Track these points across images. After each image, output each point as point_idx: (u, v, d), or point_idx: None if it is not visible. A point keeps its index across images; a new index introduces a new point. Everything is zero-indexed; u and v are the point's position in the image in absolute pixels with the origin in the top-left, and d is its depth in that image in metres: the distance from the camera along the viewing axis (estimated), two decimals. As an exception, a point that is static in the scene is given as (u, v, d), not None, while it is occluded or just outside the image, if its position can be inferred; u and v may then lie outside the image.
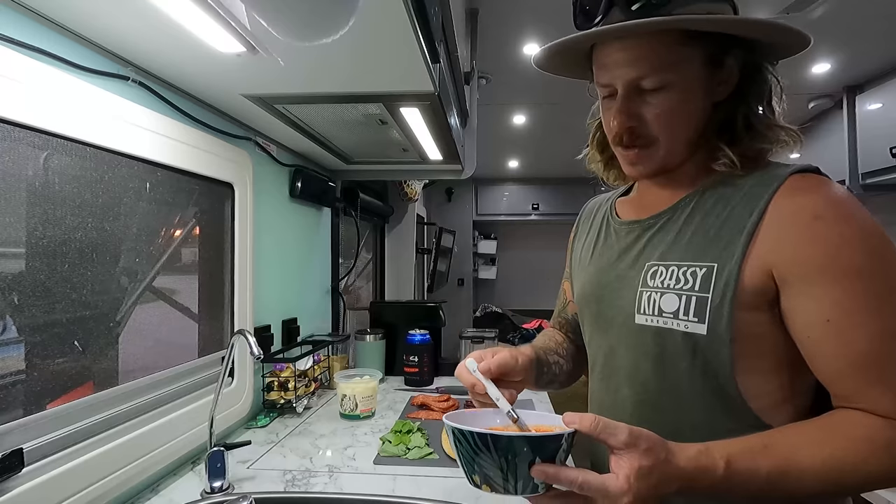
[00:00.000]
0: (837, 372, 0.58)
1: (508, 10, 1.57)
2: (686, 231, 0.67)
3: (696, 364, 0.63)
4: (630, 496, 0.51)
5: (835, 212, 0.57)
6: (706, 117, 0.66)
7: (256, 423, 1.27)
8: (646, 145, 0.67)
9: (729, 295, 0.60)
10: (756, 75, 0.66)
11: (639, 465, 0.52)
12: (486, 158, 3.45)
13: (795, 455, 0.55)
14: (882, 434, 0.55)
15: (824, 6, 1.50)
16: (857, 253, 0.56)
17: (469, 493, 0.90)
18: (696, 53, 0.62)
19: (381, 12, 0.70)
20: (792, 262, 0.58)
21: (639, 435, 0.53)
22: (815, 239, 0.57)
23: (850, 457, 0.54)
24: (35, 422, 0.72)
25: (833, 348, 0.57)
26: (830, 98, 2.30)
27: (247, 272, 1.23)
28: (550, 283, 4.73)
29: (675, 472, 0.53)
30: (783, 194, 0.60)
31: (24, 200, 0.73)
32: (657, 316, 0.66)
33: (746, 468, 0.54)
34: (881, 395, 0.55)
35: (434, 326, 1.83)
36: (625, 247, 0.74)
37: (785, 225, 0.59)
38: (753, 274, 0.60)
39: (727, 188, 0.65)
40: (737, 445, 0.55)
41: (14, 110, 0.65)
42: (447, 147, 1.46)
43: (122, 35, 0.80)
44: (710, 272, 0.62)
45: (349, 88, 1.02)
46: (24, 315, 0.73)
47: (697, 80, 0.63)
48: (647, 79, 0.63)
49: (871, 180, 2.14)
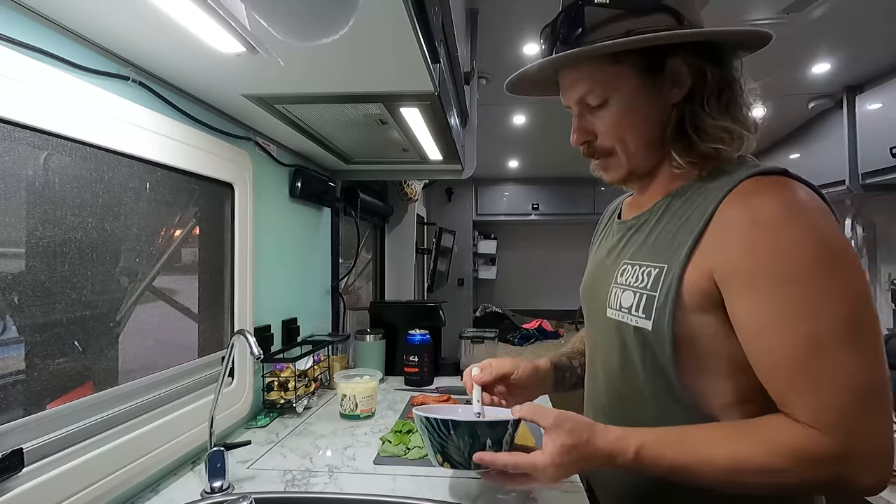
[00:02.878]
0: (766, 376, 0.59)
1: (508, 10, 1.57)
2: (654, 232, 0.71)
3: (647, 359, 0.67)
4: (553, 468, 0.61)
5: (774, 216, 0.57)
6: (663, 120, 0.69)
7: (256, 423, 1.27)
8: (605, 155, 0.73)
9: (671, 295, 0.63)
10: (702, 74, 0.66)
11: (561, 442, 0.62)
12: (486, 158, 3.45)
13: (702, 449, 0.59)
14: (789, 441, 0.56)
15: (824, 6, 1.50)
16: (790, 259, 0.56)
17: (469, 493, 0.90)
18: (627, 68, 0.67)
19: (381, 12, 0.70)
20: (728, 266, 0.59)
21: (565, 418, 0.63)
22: (749, 244, 0.58)
23: (754, 457, 0.57)
24: (35, 422, 0.72)
25: (762, 353, 0.59)
26: (830, 98, 2.30)
27: (247, 272, 1.23)
28: (550, 283, 4.78)
29: (594, 452, 0.62)
30: (731, 198, 0.61)
31: (24, 200, 0.73)
32: (618, 311, 0.71)
33: (653, 455, 0.60)
34: (797, 402, 0.56)
35: (434, 326, 1.83)
36: (612, 245, 0.79)
37: (725, 229, 0.60)
38: (695, 276, 0.62)
39: (695, 191, 0.67)
40: (652, 435, 0.62)
41: (14, 110, 0.65)
42: (447, 147, 1.46)
43: (122, 35, 0.80)
44: (661, 273, 0.65)
45: (349, 88, 1.02)
46: (24, 315, 0.73)
47: (637, 90, 0.67)
48: (589, 96, 0.70)
49: (871, 180, 2.14)
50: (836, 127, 2.32)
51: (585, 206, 4.09)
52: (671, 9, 0.65)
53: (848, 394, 0.54)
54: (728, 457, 0.58)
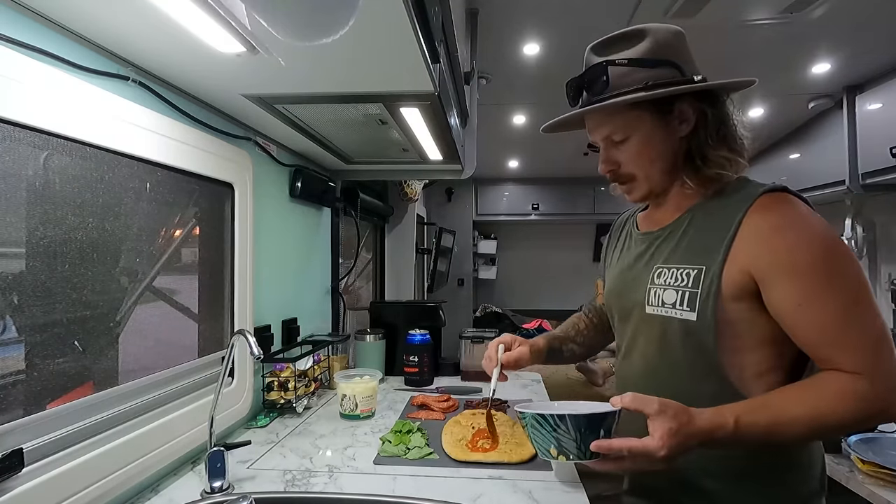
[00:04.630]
0: (813, 342, 0.74)
1: (508, 10, 1.57)
2: (683, 240, 0.85)
3: (688, 344, 0.81)
4: (665, 450, 0.68)
5: (788, 224, 0.75)
6: (675, 150, 0.85)
7: (256, 423, 1.27)
8: (627, 181, 0.88)
9: (714, 290, 0.78)
10: (703, 115, 0.82)
11: (668, 426, 0.69)
12: (486, 158, 3.45)
13: (786, 409, 0.71)
14: (848, 386, 0.70)
15: (824, 6, 1.50)
16: (807, 253, 0.73)
17: (469, 493, 0.90)
18: (644, 111, 0.83)
19: (381, 12, 0.70)
20: (762, 264, 0.75)
21: (667, 404, 0.71)
22: (774, 246, 0.74)
23: (827, 406, 0.70)
24: (35, 422, 0.72)
25: (806, 324, 0.74)
26: (830, 98, 2.30)
27: (247, 272, 1.23)
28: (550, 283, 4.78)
29: (696, 431, 0.70)
30: (753, 211, 0.77)
31: (25, 200, 0.73)
32: (660, 307, 0.84)
33: (751, 422, 0.70)
34: (845, 355, 0.71)
35: (434, 326, 1.83)
36: (639, 253, 0.92)
37: (753, 236, 0.76)
38: (732, 273, 0.77)
39: (714, 207, 0.83)
40: (741, 406, 0.72)
41: (14, 110, 0.65)
42: (447, 147, 1.46)
43: (122, 35, 0.80)
44: (700, 273, 0.80)
45: (349, 88, 1.02)
46: (24, 315, 0.73)
47: (652, 128, 0.83)
48: (614, 135, 0.86)
49: (871, 180, 2.14)
50: (836, 127, 2.31)
51: (585, 206, 4.09)
52: (675, 63, 0.83)
53: (877, 341, 0.71)
54: (808, 411, 0.70)
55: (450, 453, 1.07)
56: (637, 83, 0.82)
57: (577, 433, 0.75)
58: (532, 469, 1.01)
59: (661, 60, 0.83)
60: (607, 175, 0.90)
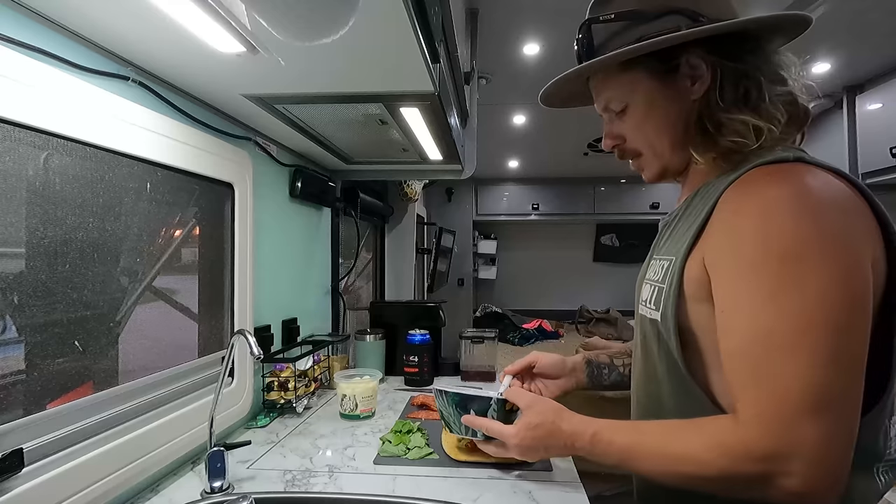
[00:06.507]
0: (724, 364, 0.59)
1: (508, 10, 1.57)
2: (676, 228, 0.72)
3: (662, 349, 0.68)
4: (517, 439, 0.75)
5: (754, 207, 0.56)
6: (687, 118, 0.68)
7: (256, 423, 1.27)
8: (635, 156, 0.76)
9: (674, 285, 0.64)
10: (717, 71, 0.65)
11: (529, 419, 0.74)
12: (486, 158, 3.45)
13: (650, 438, 0.63)
14: (720, 433, 0.56)
15: (824, 6, 1.50)
16: (758, 248, 0.55)
17: (469, 493, 0.90)
18: (640, 73, 0.69)
19: (381, 12, 0.70)
20: (712, 252, 0.60)
21: (537, 401, 0.77)
22: (727, 232, 0.59)
23: (689, 448, 0.58)
24: (35, 422, 0.72)
25: (723, 339, 0.58)
26: (830, 98, 2.30)
27: (247, 272, 1.23)
28: (550, 284, 4.78)
29: (558, 432, 0.72)
30: (731, 189, 0.61)
31: (24, 200, 0.73)
32: (643, 304, 0.74)
33: (607, 439, 0.67)
34: (737, 393, 0.56)
35: (434, 326, 1.83)
36: (654, 242, 0.82)
37: (717, 220, 0.61)
38: (692, 267, 0.63)
39: (713, 185, 0.67)
40: (609, 423, 0.69)
41: (14, 110, 0.65)
42: (447, 147, 1.46)
43: (122, 35, 0.80)
44: (670, 264, 0.67)
45: (349, 88, 1.02)
46: (24, 315, 0.73)
47: (653, 92, 0.69)
48: (611, 103, 0.74)
49: (871, 180, 2.14)
50: (836, 127, 2.32)
51: (585, 206, 4.09)
52: (682, 9, 0.65)
53: (788, 394, 0.51)
54: (667, 446, 0.60)
55: (450, 453, 1.06)
56: (631, 40, 0.66)
57: (451, 408, 0.93)
58: (532, 469, 1.01)
59: (664, 10, 0.65)
60: (613, 151, 0.77)
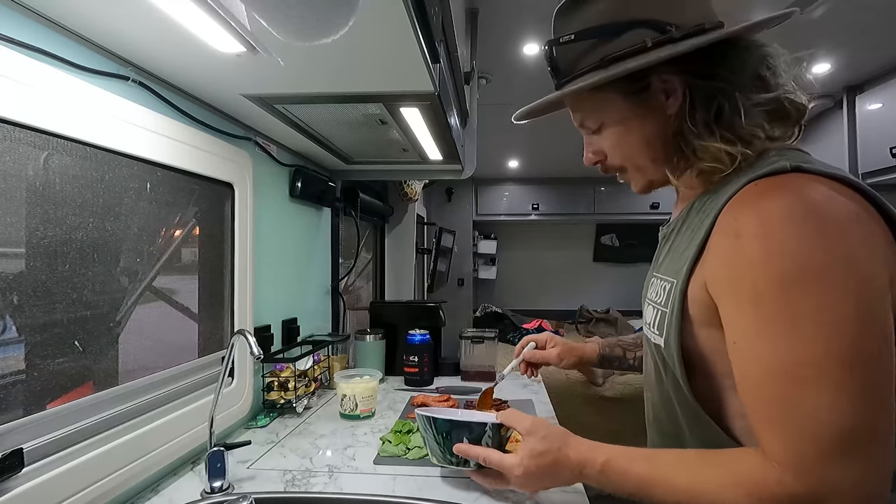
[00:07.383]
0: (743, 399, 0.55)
1: (508, 10, 1.57)
2: (674, 245, 0.69)
3: (668, 374, 0.66)
4: (521, 469, 0.65)
5: (755, 229, 0.52)
6: (665, 133, 0.65)
7: (256, 423, 1.27)
8: (620, 172, 0.74)
9: (676, 310, 0.61)
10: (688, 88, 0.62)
11: (532, 447, 0.65)
12: (486, 158, 3.45)
13: (669, 470, 0.58)
14: (748, 473, 0.52)
15: (824, 6, 1.50)
16: (761, 273, 0.51)
17: (469, 494, 0.90)
18: (611, 93, 0.67)
19: (381, 12, 0.70)
20: (716, 278, 0.57)
21: (540, 425, 0.67)
22: (730, 258, 0.54)
23: (711, 485, 0.55)
24: (35, 422, 0.72)
25: (738, 373, 0.55)
26: (830, 98, 2.30)
27: (247, 272, 1.23)
28: (550, 284, 4.78)
29: (565, 460, 0.64)
30: (729, 205, 0.57)
31: (25, 200, 0.73)
32: (647, 327, 0.71)
33: (621, 469, 0.61)
34: (764, 432, 0.52)
35: (434, 326, 1.83)
36: (656, 255, 0.78)
37: (719, 241, 0.57)
38: (696, 290, 0.59)
39: (709, 199, 0.63)
40: (622, 450, 0.63)
41: (14, 110, 0.65)
42: (447, 147, 1.46)
43: (122, 35, 0.80)
44: (672, 287, 0.63)
45: (349, 88, 1.02)
46: (24, 315, 0.73)
47: (626, 111, 0.67)
48: (586, 122, 0.72)
49: (871, 180, 2.14)
50: (836, 127, 2.31)
51: (585, 206, 4.09)
52: (649, 21, 0.61)
53: (819, 432, 0.48)
54: (687, 481, 0.56)
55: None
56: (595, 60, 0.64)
57: (440, 436, 0.79)
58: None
59: (628, 22, 0.62)
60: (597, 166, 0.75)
